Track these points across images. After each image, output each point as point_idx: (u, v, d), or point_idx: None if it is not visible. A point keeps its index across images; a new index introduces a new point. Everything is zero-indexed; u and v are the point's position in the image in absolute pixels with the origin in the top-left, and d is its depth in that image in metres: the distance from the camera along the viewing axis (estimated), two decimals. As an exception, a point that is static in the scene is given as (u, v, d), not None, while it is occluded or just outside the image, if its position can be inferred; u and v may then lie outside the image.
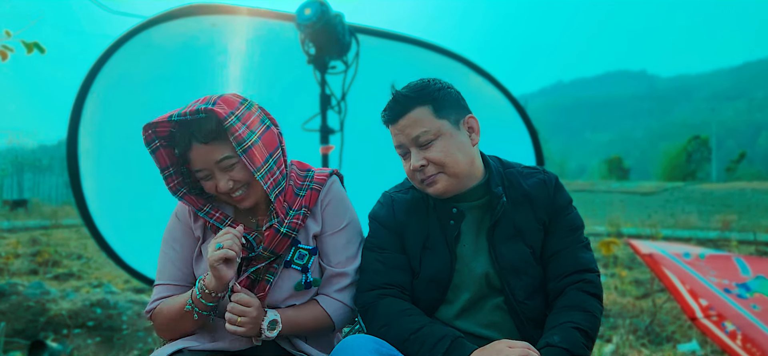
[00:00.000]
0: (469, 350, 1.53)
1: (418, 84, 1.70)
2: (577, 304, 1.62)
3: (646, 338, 4.73)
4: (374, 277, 1.75)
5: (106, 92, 3.77)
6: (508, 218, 1.73)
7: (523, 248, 1.72)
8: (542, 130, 6.93)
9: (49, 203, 24.46)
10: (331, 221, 1.77)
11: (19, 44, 4.86)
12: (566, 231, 1.74)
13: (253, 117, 1.65)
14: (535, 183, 1.77)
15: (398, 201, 1.83)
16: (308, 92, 3.57)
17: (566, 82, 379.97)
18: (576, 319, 1.58)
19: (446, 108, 1.68)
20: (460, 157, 1.68)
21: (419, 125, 1.66)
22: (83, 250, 10.16)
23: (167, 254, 1.77)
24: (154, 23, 3.70)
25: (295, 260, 1.70)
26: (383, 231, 1.80)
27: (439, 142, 1.66)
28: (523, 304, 1.69)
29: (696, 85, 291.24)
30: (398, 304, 1.69)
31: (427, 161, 1.67)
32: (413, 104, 1.67)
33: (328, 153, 3.54)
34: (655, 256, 2.47)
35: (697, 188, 37.47)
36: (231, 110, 1.59)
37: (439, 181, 1.69)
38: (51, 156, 28.31)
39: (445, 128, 1.67)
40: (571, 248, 1.72)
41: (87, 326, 4.90)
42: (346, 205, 1.81)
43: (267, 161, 1.63)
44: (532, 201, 1.74)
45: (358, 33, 3.62)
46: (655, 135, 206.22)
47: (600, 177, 63.51)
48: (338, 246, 1.77)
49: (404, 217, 1.79)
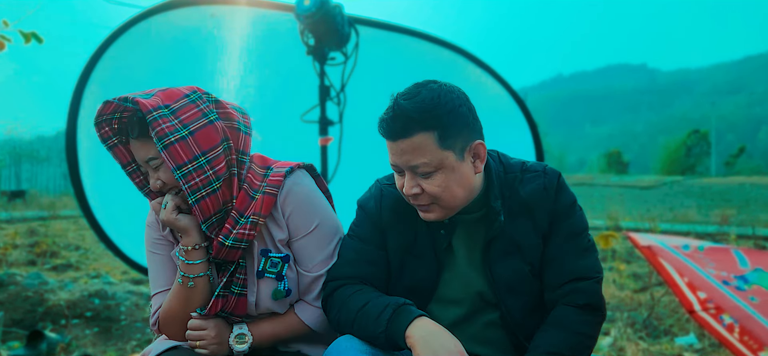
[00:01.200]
0: (414, 314, 1.42)
1: (427, 101, 1.43)
2: (561, 322, 1.51)
3: (644, 331, 4.73)
4: (343, 267, 1.65)
5: (104, 82, 3.76)
6: (505, 233, 1.58)
7: (520, 266, 1.58)
8: (542, 123, 6.93)
9: (47, 194, 24.47)
10: (298, 227, 1.62)
11: (17, 34, 4.85)
12: (565, 237, 1.58)
13: (193, 111, 1.51)
14: (534, 190, 1.59)
15: (387, 196, 1.67)
16: (307, 83, 3.56)
17: (566, 75, 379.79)
18: (555, 341, 1.47)
19: (453, 136, 1.46)
20: (458, 192, 1.51)
21: (419, 155, 1.45)
22: (81, 241, 10.16)
23: (153, 263, 1.71)
24: (153, 13, 3.69)
25: (267, 269, 1.60)
26: (367, 223, 1.69)
27: (439, 175, 1.48)
28: (520, 323, 1.59)
29: (696, 79, 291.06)
30: (350, 288, 1.59)
31: (421, 191, 1.50)
32: (417, 128, 1.43)
33: (327, 144, 3.53)
34: (653, 248, 2.46)
35: (696, 183, 37.49)
36: (165, 103, 1.49)
37: (432, 211, 1.54)
38: (49, 147, 28.32)
39: (447, 161, 1.47)
40: (568, 256, 1.57)
41: (85, 316, 4.90)
42: (312, 205, 1.64)
43: (196, 160, 1.47)
44: (532, 211, 1.59)
45: (358, 24, 3.60)
46: (655, 129, 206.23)
47: (599, 171, 63.50)
48: (311, 250, 1.64)
49: (390, 215, 1.65)
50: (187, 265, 1.55)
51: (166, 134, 1.44)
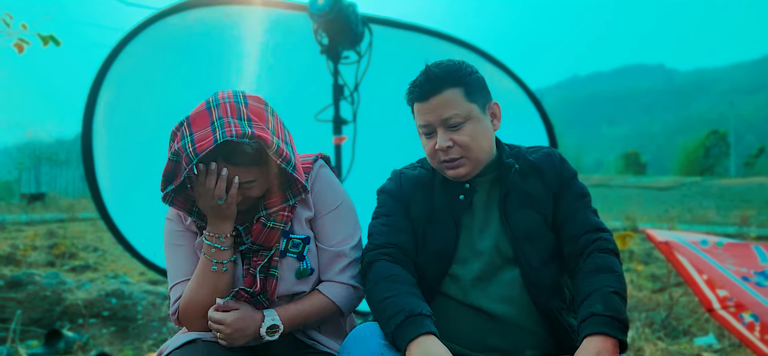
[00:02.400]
0: (424, 328, 1.46)
1: (451, 65, 1.70)
2: (605, 266, 1.59)
3: (663, 331, 4.68)
4: (377, 238, 1.77)
5: (120, 83, 3.78)
6: (518, 187, 1.75)
7: (535, 216, 1.73)
8: (558, 124, 6.92)
9: (66, 196, 24.77)
10: (324, 204, 1.76)
11: (35, 37, 4.92)
12: (575, 197, 1.75)
13: (276, 121, 1.61)
14: (540, 156, 1.80)
15: (406, 176, 1.86)
16: (321, 82, 3.55)
17: (582, 76, 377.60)
18: (610, 283, 1.54)
19: (476, 92, 1.70)
20: (484, 143, 1.71)
21: (451, 107, 1.66)
22: (99, 243, 10.27)
23: (173, 255, 1.74)
24: (168, 14, 3.71)
25: (289, 249, 1.68)
26: (390, 200, 1.83)
27: (468, 125, 1.68)
28: (538, 271, 1.68)
29: (714, 78, 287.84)
30: (389, 268, 1.68)
31: (453, 143, 1.67)
32: (446, 84, 1.67)
33: (341, 143, 3.53)
34: (671, 243, 2.43)
35: (715, 183, 37.05)
36: (266, 125, 1.54)
37: (462, 165, 1.70)
38: (68, 150, 28.66)
39: (474, 112, 1.68)
40: (582, 212, 1.72)
41: (102, 316, 4.95)
42: (336, 187, 1.81)
43: (291, 155, 1.59)
44: (541, 172, 1.76)
45: (371, 23, 3.60)
46: (673, 129, 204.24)
47: (616, 172, 63.02)
48: (334, 225, 1.77)
49: (411, 189, 1.82)
50: (221, 252, 1.60)
51: (287, 158, 1.54)
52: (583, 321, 1.48)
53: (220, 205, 1.56)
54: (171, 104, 3.53)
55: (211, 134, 1.47)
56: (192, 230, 1.73)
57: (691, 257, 2.34)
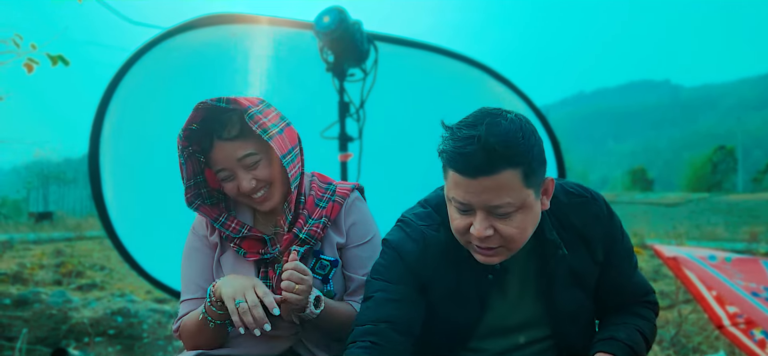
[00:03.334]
0: None
1: (513, 134, 1.27)
2: (639, 314, 1.56)
3: (672, 349, 4.63)
4: (369, 311, 1.49)
5: (126, 103, 3.80)
6: (564, 264, 1.49)
7: (581, 296, 1.53)
8: (564, 140, 6.90)
9: (74, 215, 24.86)
10: (358, 236, 1.76)
11: (44, 57, 4.96)
12: (624, 261, 1.57)
13: (273, 113, 1.65)
14: (588, 220, 1.51)
15: (431, 242, 1.51)
16: (327, 99, 3.57)
17: (588, 92, 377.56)
18: (639, 324, 1.52)
19: (536, 173, 1.32)
20: (530, 232, 1.39)
21: (505, 194, 1.29)
22: (106, 261, 10.27)
23: (188, 269, 1.76)
24: (174, 34, 3.73)
25: (316, 270, 1.67)
26: (401, 268, 1.51)
27: (518, 216, 1.33)
28: (574, 345, 1.56)
29: (721, 94, 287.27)
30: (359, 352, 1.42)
31: (494, 232, 1.34)
32: (504, 164, 1.26)
33: (346, 161, 3.53)
34: (679, 259, 2.41)
35: (723, 199, 36.84)
36: (251, 104, 1.60)
37: (498, 254, 1.39)
38: (75, 169, 28.85)
39: (528, 200, 1.32)
40: (628, 275, 1.59)
41: (108, 334, 4.94)
42: (369, 219, 1.81)
43: (290, 152, 1.61)
44: (588, 241, 1.51)
45: (377, 40, 3.61)
46: (680, 145, 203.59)
47: (623, 188, 62.76)
48: (365, 256, 1.75)
49: (436, 263, 1.50)
50: (213, 311, 1.56)
51: (269, 127, 1.56)
52: (601, 340, 1.46)
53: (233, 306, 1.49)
54: (177, 123, 3.52)
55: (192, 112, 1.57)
56: (213, 243, 1.74)
57: (700, 273, 2.32)
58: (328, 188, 1.78)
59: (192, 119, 1.58)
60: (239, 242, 1.69)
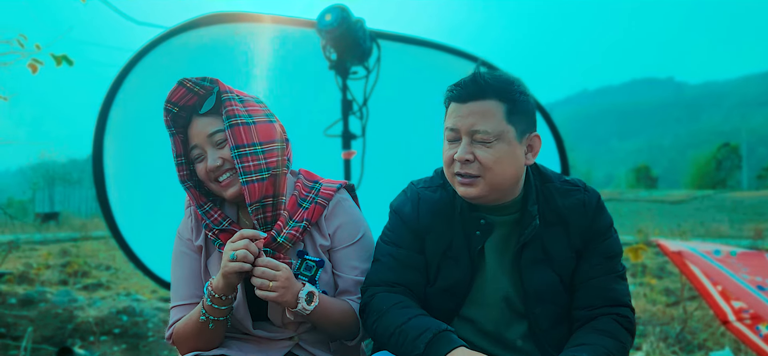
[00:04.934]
0: (454, 344, 1.41)
1: (504, 77, 1.54)
2: (611, 332, 1.52)
3: (677, 345, 4.62)
4: (383, 272, 1.65)
5: (129, 102, 3.81)
6: (537, 240, 1.59)
7: (551, 276, 1.60)
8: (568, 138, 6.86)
9: (79, 215, 24.89)
10: (346, 237, 1.74)
11: (48, 57, 4.97)
12: (602, 258, 1.60)
13: (258, 108, 1.68)
14: (573, 204, 1.61)
15: (425, 200, 1.68)
16: (330, 97, 3.57)
17: (591, 90, 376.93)
18: (608, 346, 1.47)
19: (519, 116, 1.52)
20: (508, 170, 1.52)
21: (486, 119, 1.49)
22: (112, 261, 10.28)
23: (177, 273, 1.76)
24: (177, 33, 3.74)
25: (301, 272, 1.65)
26: (403, 229, 1.68)
27: (496, 145, 1.50)
28: (547, 333, 1.60)
29: (725, 91, 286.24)
30: (394, 297, 1.59)
31: (473, 158, 1.51)
32: (491, 94, 1.50)
33: (350, 158, 3.53)
34: (683, 253, 2.40)
35: (727, 197, 36.65)
36: (237, 93, 1.65)
37: (475, 185, 1.53)
38: (81, 170, 28.82)
39: (508, 135, 1.51)
40: (604, 278, 1.59)
41: (113, 333, 4.95)
42: (358, 220, 1.78)
43: (253, 146, 1.60)
44: (568, 225, 1.60)
45: (379, 38, 3.61)
46: (684, 143, 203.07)
47: (627, 186, 62.54)
48: (355, 258, 1.75)
49: (429, 219, 1.65)
50: (214, 308, 1.56)
51: (234, 115, 1.59)
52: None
53: (231, 264, 1.50)
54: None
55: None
56: (198, 247, 1.74)
57: (705, 267, 2.31)
58: (313, 187, 1.75)
59: (178, 95, 1.64)
60: (217, 233, 1.68)
